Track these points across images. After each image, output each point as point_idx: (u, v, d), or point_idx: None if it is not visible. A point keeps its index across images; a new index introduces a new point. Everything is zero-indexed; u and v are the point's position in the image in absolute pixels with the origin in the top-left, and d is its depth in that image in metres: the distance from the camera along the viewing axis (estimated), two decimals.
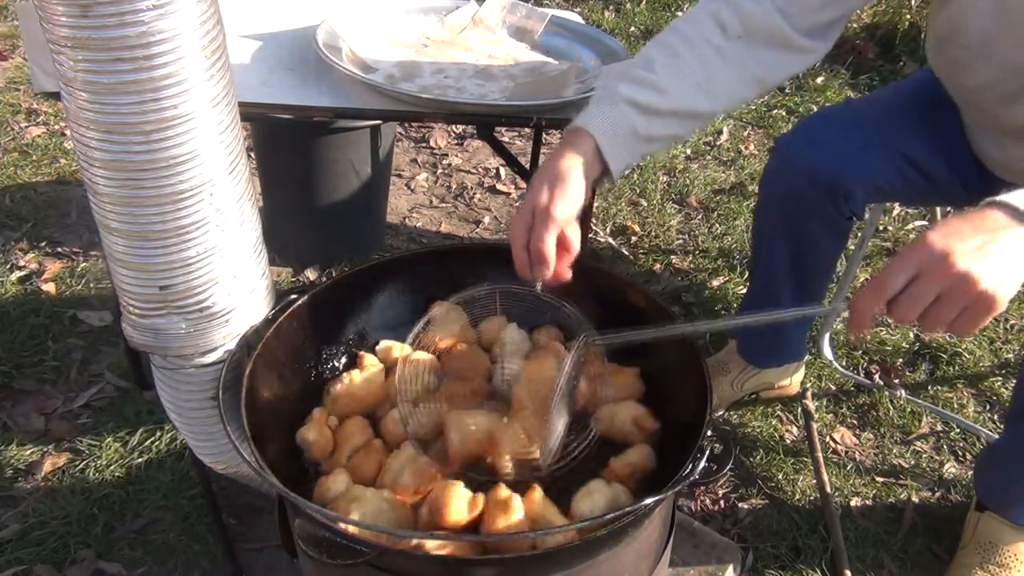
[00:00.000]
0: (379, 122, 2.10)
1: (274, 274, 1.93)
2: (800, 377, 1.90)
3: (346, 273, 1.20)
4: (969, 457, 1.78)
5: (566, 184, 1.03)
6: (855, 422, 1.88)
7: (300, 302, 1.12)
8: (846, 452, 1.79)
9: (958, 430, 1.84)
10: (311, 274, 2.28)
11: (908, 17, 3.54)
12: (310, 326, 1.17)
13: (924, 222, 2.57)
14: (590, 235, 2.44)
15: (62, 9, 0.76)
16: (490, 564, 0.90)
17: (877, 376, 2.00)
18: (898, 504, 1.67)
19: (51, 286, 2.16)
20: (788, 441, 1.81)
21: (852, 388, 1.96)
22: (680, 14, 4.07)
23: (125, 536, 1.54)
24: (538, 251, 1.02)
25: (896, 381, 1.98)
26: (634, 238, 2.50)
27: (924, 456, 1.78)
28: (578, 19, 1.81)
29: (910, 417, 1.87)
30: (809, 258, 1.53)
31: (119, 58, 0.79)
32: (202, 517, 1.56)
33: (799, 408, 1.88)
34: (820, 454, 1.74)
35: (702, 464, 0.88)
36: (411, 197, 2.71)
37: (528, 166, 2.08)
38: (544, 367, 1.08)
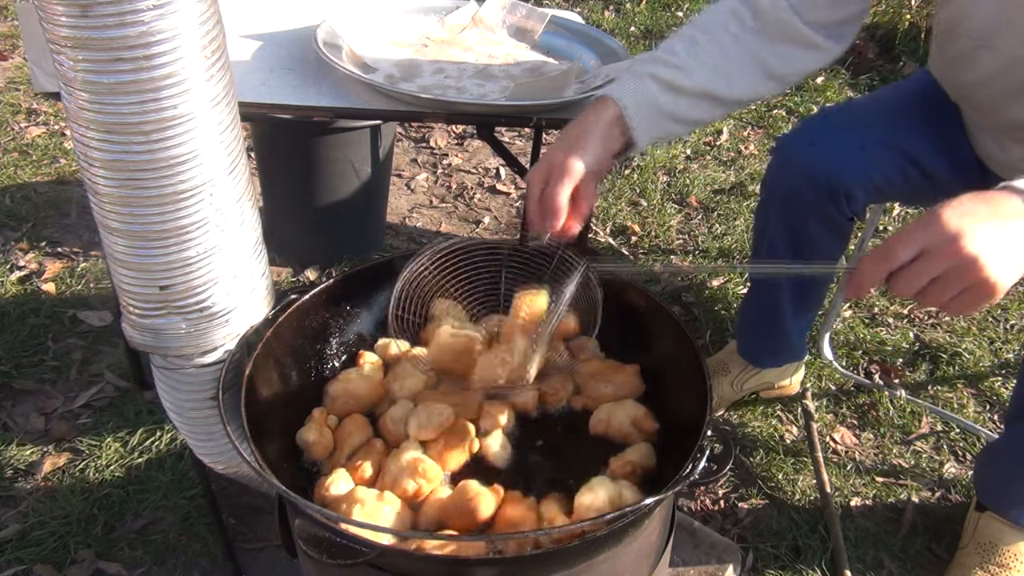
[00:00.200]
0: (379, 122, 2.10)
1: (274, 274, 1.93)
2: (800, 377, 1.90)
3: (346, 273, 1.20)
4: (969, 457, 1.78)
5: (586, 142, 1.07)
6: (855, 422, 1.88)
7: (300, 302, 1.12)
8: (846, 452, 1.79)
9: (958, 430, 1.84)
10: (311, 274, 2.28)
11: (908, 17, 3.54)
12: (310, 326, 1.17)
13: None
14: (590, 235, 2.44)
15: (62, 9, 0.76)
16: (490, 564, 0.90)
17: (877, 376, 2.00)
18: (898, 504, 1.67)
19: (51, 286, 2.16)
20: (788, 441, 1.81)
21: (852, 388, 1.96)
22: (680, 14, 4.09)
23: (125, 536, 1.54)
24: (551, 202, 1.04)
25: (896, 381, 1.98)
26: (634, 238, 2.50)
27: (924, 456, 1.78)
28: (578, 19, 1.81)
29: (910, 417, 1.87)
30: (809, 258, 1.53)
31: (119, 58, 0.79)
32: (202, 517, 1.56)
33: (799, 408, 1.88)
34: (820, 454, 1.75)
35: (702, 464, 0.88)
36: (411, 197, 2.71)
37: (528, 166, 2.08)
38: (537, 299, 1.11)
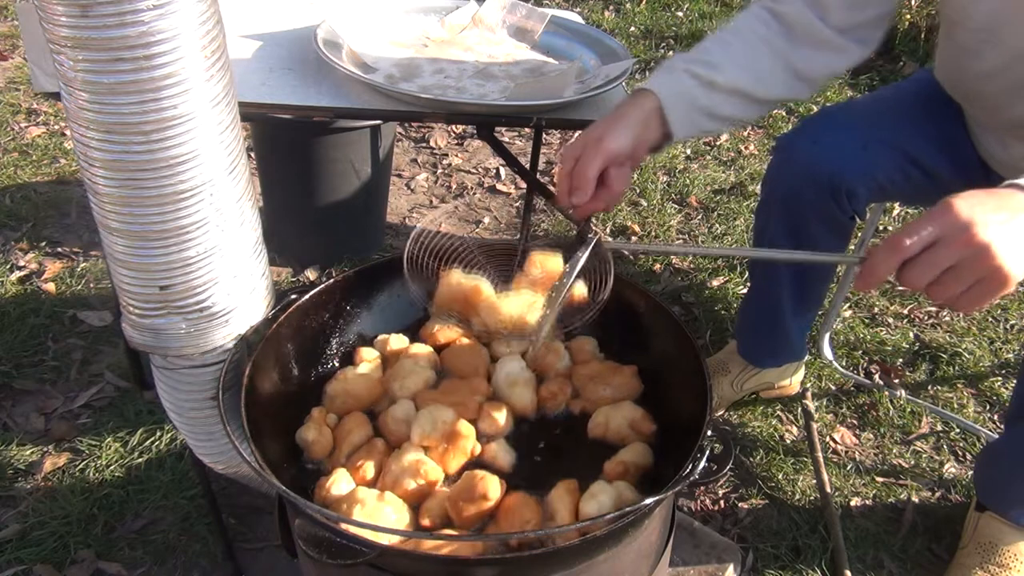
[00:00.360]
0: (379, 122, 2.10)
1: (274, 274, 1.93)
2: (800, 377, 1.90)
3: (346, 273, 1.20)
4: (969, 457, 1.78)
5: (622, 125, 1.10)
6: (855, 422, 1.88)
7: (300, 302, 1.12)
8: (846, 452, 1.79)
9: (958, 430, 1.84)
10: (311, 274, 2.28)
11: (908, 17, 3.54)
12: (310, 326, 1.17)
13: None
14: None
15: (62, 9, 0.76)
16: (490, 564, 0.90)
17: (877, 376, 2.00)
18: (898, 504, 1.67)
19: (51, 286, 2.16)
20: (788, 441, 1.81)
21: (852, 388, 1.96)
22: (680, 14, 4.09)
23: (125, 536, 1.54)
24: (581, 177, 1.06)
25: (896, 381, 1.98)
26: (634, 238, 2.50)
27: (924, 456, 1.78)
28: (578, 19, 1.81)
29: (910, 417, 1.87)
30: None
31: (119, 58, 0.79)
32: (202, 517, 1.56)
33: (799, 408, 1.88)
34: (820, 454, 1.75)
35: (702, 464, 0.88)
36: (411, 197, 2.71)
37: (528, 166, 2.07)
38: (551, 259, 1.13)
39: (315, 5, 1.75)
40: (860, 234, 1.90)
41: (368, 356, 1.18)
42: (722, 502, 1.67)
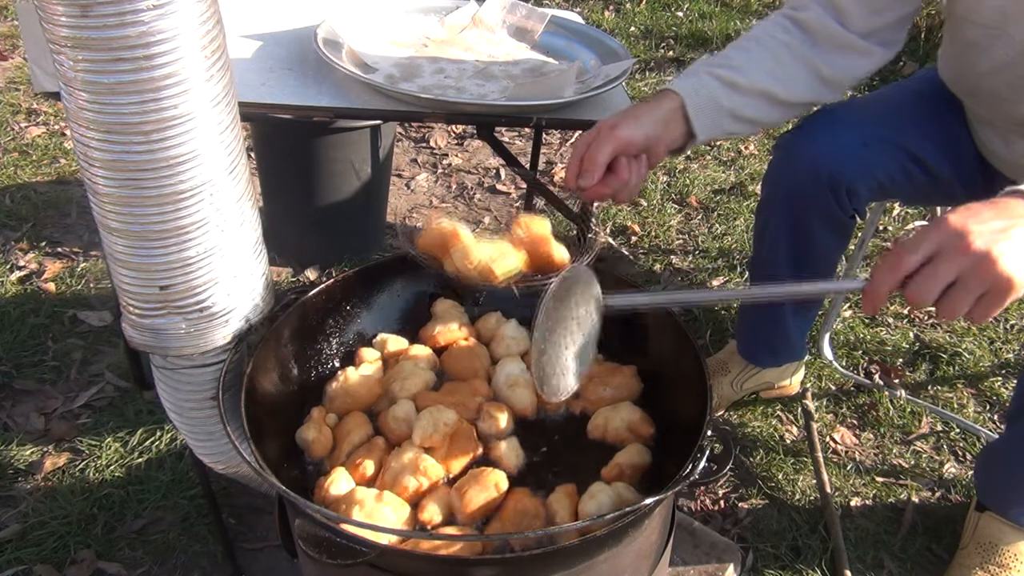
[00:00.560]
0: (379, 122, 2.10)
1: (274, 274, 1.93)
2: (800, 377, 1.90)
3: (346, 273, 1.20)
4: (969, 457, 1.78)
5: (640, 118, 1.11)
6: (855, 422, 1.87)
7: (300, 302, 1.12)
8: (846, 452, 1.79)
9: (958, 430, 1.84)
10: (311, 274, 2.28)
11: None
12: (310, 326, 1.17)
13: (924, 222, 2.57)
14: (589, 235, 2.44)
15: (62, 9, 0.76)
16: (490, 564, 0.90)
17: (877, 376, 1.99)
18: (898, 504, 1.67)
19: (51, 286, 2.16)
20: (788, 441, 1.81)
21: (852, 388, 1.96)
22: (680, 14, 4.09)
23: (125, 536, 1.54)
24: (590, 161, 1.07)
25: (896, 381, 1.98)
26: (634, 238, 2.50)
27: (924, 456, 1.78)
28: (578, 19, 1.81)
29: (910, 417, 1.87)
30: (811, 258, 1.53)
31: (119, 58, 0.79)
32: (202, 517, 1.56)
33: (799, 408, 1.88)
34: (820, 454, 1.74)
35: (702, 464, 0.88)
36: (411, 197, 2.71)
37: (528, 166, 2.08)
38: (537, 221, 1.12)
39: (315, 5, 1.75)
40: (860, 234, 1.90)
41: (369, 357, 1.18)
42: (722, 502, 1.67)
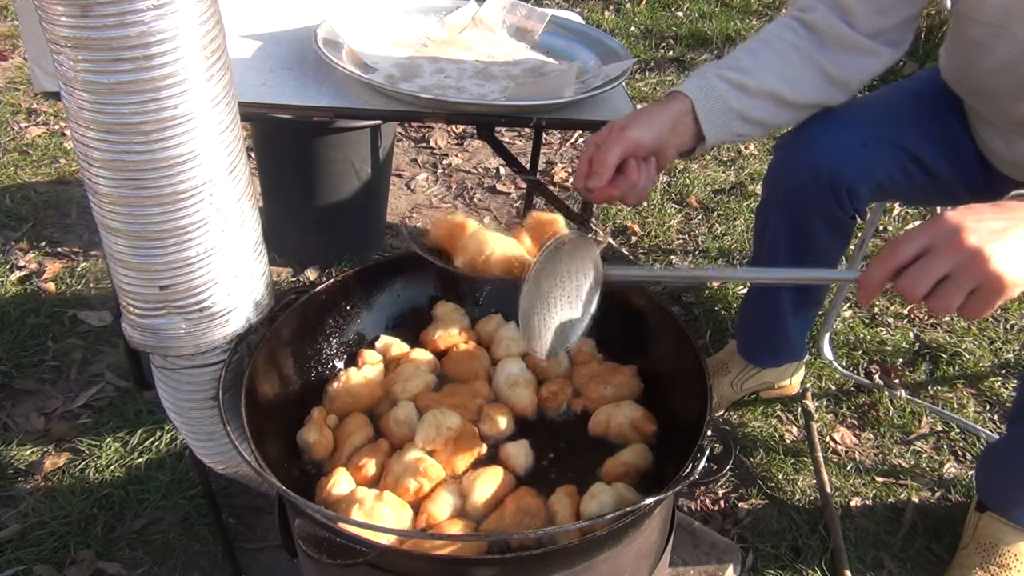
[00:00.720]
0: (379, 122, 2.10)
1: (274, 274, 1.93)
2: (800, 377, 1.90)
3: (346, 273, 1.20)
4: (969, 457, 1.78)
5: (651, 120, 1.12)
6: (855, 422, 1.87)
7: (300, 302, 1.12)
8: (846, 452, 1.79)
9: (958, 430, 1.84)
10: (311, 274, 2.28)
11: None
12: (310, 326, 1.17)
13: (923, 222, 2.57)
14: (589, 235, 2.44)
15: (62, 9, 0.76)
16: (490, 564, 0.90)
17: (877, 376, 1.99)
18: (898, 504, 1.67)
19: (51, 286, 2.16)
20: (788, 441, 1.81)
21: (852, 388, 1.96)
22: (680, 14, 4.09)
23: (125, 536, 1.54)
24: (600, 162, 1.08)
25: (896, 381, 1.98)
26: (634, 238, 2.50)
27: (924, 456, 1.78)
28: (578, 19, 1.81)
29: (910, 417, 1.87)
30: (811, 258, 1.53)
31: (119, 58, 0.79)
32: (202, 517, 1.56)
33: (799, 408, 1.88)
34: (820, 454, 1.74)
35: (702, 464, 0.88)
36: (411, 197, 2.71)
37: (528, 166, 2.07)
38: (548, 216, 1.11)
39: (315, 5, 1.75)
40: (860, 234, 1.90)
41: (371, 359, 1.18)
42: (722, 502, 1.67)
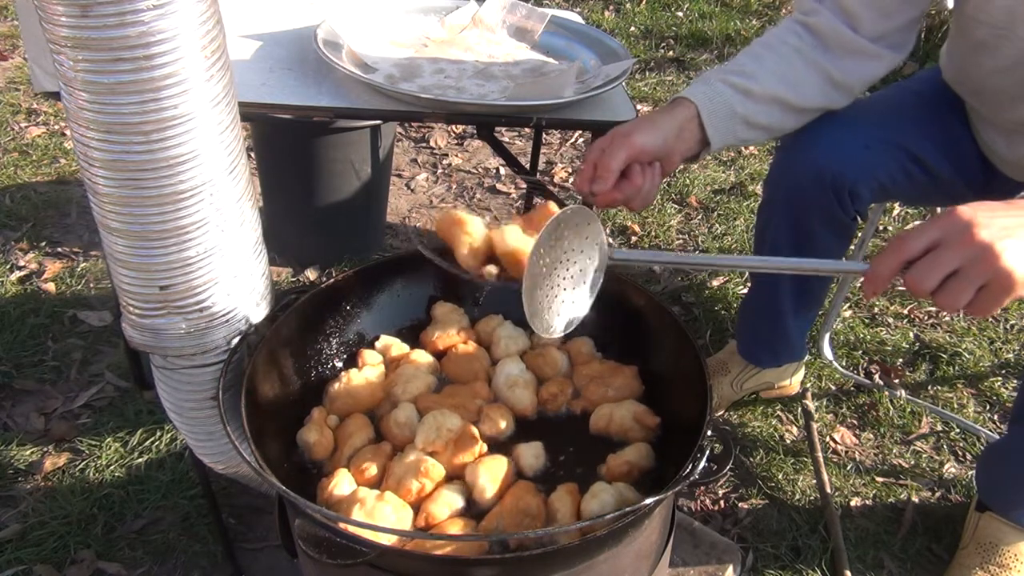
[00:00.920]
0: (379, 122, 2.10)
1: (274, 274, 1.93)
2: (800, 377, 1.90)
3: (346, 273, 1.20)
4: (969, 457, 1.78)
5: (653, 125, 1.12)
6: (855, 422, 1.87)
7: (300, 302, 1.12)
8: (846, 452, 1.79)
9: (958, 430, 1.84)
10: (311, 274, 2.28)
11: None
12: (310, 326, 1.17)
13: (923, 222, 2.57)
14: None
15: (62, 9, 0.76)
16: (490, 564, 0.90)
17: (877, 376, 1.99)
18: (898, 504, 1.67)
19: (51, 286, 2.16)
20: (788, 441, 1.81)
21: (852, 388, 1.96)
22: (680, 14, 4.09)
23: (125, 536, 1.54)
24: (604, 166, 1.08)
25: (896, 381, 1.98)
26: (634, 238, 2.50)
27: (924, 456, 1.78)
28: (578, 19, 1.81)
29: (910, 417, 1.87)
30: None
31: (119, 58, 0.79)
32: (202, 517, 1.56)
33: (799, 408, 1.88)
34: (820, 454, 1.74)
35: (702, 464, 0.88)
36: (411, 197, 2.71)
37: (528, 166, 2.08)
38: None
39: (315, 5, 1.75)
40: (860, 234, 1.90)
41: (371, 359, 1.18)
42: (722, 502, 1.67)
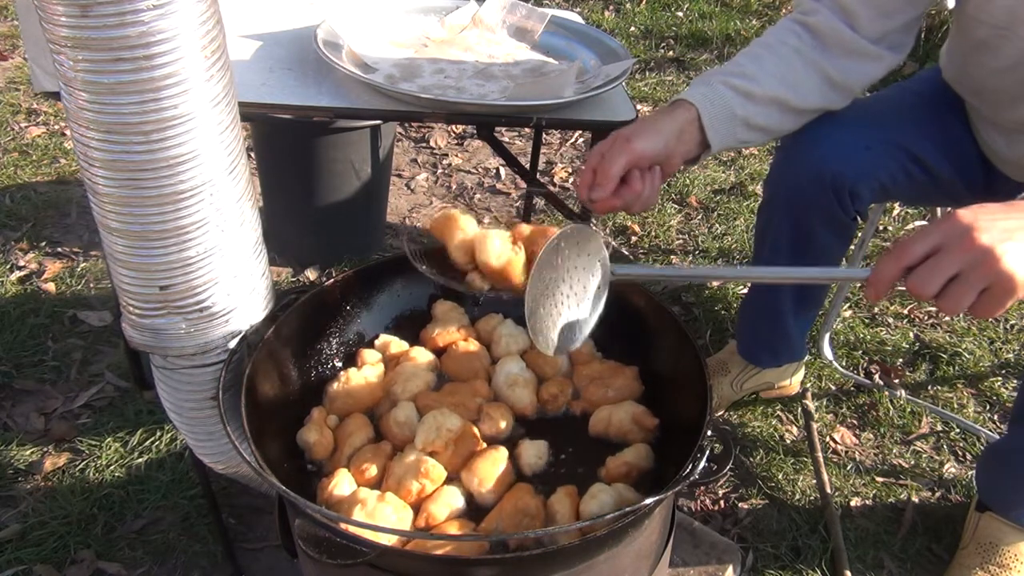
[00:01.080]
0: (379, 122, 2.10)
1: (274, 274, 1.93)
2: (800, 377, 1.90)
3: (346, 273, 1.20)
4: (969, 457, 1.78)
5: (656, 130, 1.11)
6: (855, 422, 1.87)
7: (300, 302, 1.12)
8: (846, 452, 1.79)
9: (958, 430, 1.84)
10: (311, 274, 2.28)
11: None
12: (310, 326, 1.17)
13: (924, 222, 2.57)
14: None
15: (62, 9, 0.76)
16: (490, 564, 0.90)
17: (877, 376, 1.99)
18: (898, 504, 1.67)
19: (51, 286, 2.16)
20: (788, 441, 1.81)
21: (852, 388, 1.96)
22: (680, 14, 4.09)
23: (125, 536, 1.54)
24: (604, 172, 1.07)
25: (896, 381, 1.98)
26: (634, 238, 2.50)
27: (924, 456, 1.78)
28: (578, 19, 1.81)
29: (910, 417, 1.87)
30: (811, 258, 1.53)
31: (119, 58, 0.79)
32: (202, 517, 1.56)
33: (799, 408, 1.88)
34: (820, 454, 1.74)
35: (702, 464, 0.88)
36: (411, 197, 2.71)
37: (528, 166, 2.08)
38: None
39: (315, 5, 1.75)
40: (860, 234, 1.90)
41: (370, 358, 1.18)
42: (722, 502, 1.67)
